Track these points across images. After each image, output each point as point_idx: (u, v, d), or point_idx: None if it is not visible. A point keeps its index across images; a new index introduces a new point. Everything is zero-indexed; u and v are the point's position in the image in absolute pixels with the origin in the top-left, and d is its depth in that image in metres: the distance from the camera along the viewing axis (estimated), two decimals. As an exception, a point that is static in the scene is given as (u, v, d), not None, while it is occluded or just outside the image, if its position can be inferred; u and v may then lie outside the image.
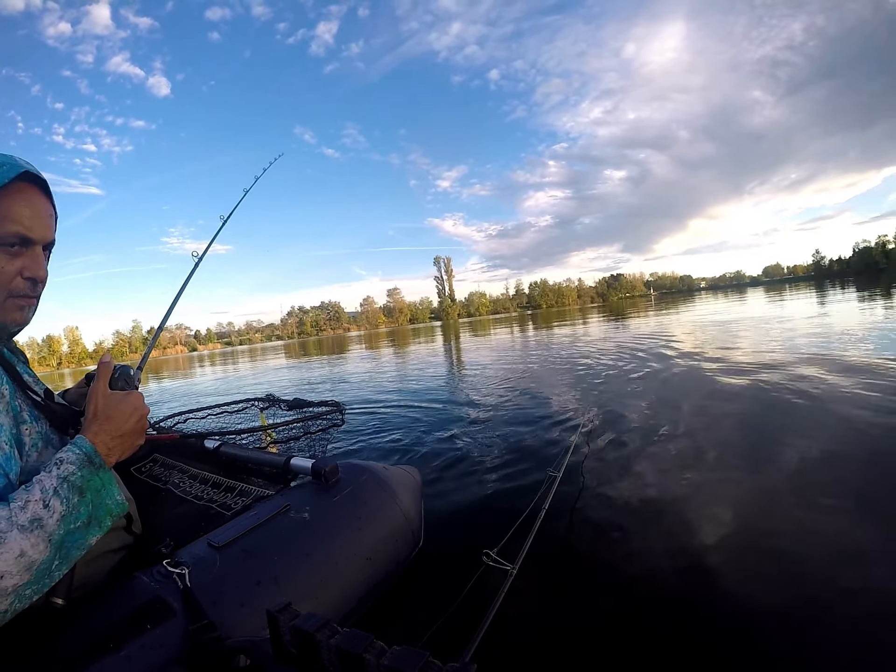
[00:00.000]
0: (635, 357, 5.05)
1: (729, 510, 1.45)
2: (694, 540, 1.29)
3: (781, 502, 1.45)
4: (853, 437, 1.94)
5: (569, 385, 3.90)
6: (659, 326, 9.29)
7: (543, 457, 2.09)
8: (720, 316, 10.47)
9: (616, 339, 7.57)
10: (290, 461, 1.15)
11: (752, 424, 2.28)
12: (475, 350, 9.46)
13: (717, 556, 1.21)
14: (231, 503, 1.06)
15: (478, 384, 4.54)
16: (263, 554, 0.85)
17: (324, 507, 1.02)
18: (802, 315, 8.13)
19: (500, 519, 1.54)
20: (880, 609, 0.96)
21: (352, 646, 0.47)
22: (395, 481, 1.21)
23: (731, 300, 19.67)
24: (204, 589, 0.74)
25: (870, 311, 7.65)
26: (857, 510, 1.37)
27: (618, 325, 11.65)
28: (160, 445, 1.44)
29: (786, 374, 3.18)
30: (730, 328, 7.32)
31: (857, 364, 3.37)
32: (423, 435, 2.75)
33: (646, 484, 1.70)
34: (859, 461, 1.71)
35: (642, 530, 1.38)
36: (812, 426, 2.12)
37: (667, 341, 6.33)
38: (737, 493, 1.57)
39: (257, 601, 0.76)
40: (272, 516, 0.94)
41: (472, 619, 0.81)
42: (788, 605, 1.00)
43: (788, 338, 5.29)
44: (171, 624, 0.67)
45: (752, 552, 1.22)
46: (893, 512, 1.33)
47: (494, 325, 23.03)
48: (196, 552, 0.82)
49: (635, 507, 1.53)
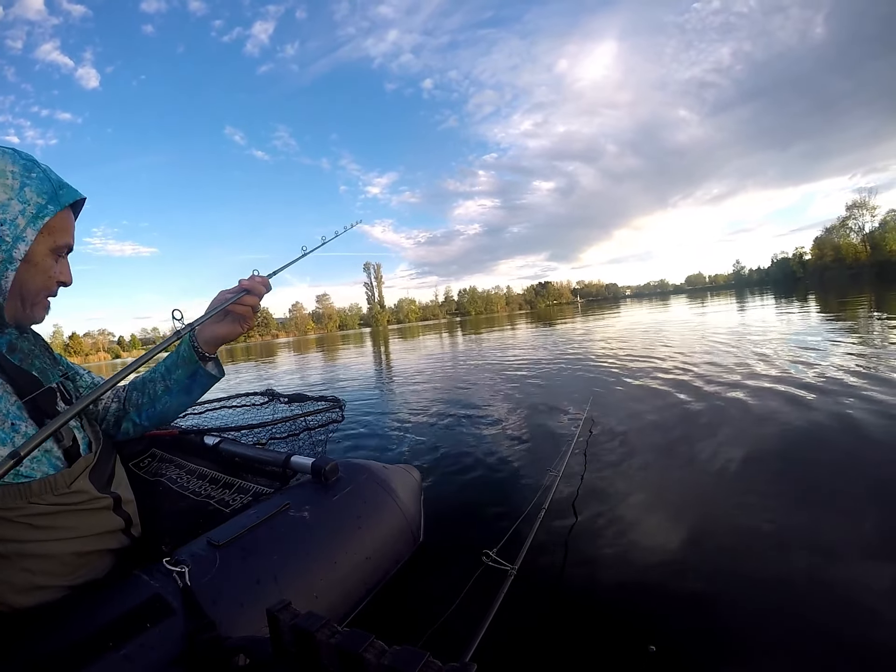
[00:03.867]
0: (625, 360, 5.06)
1: (729, 508, 1.45)
2: (694, 539, 1.29)
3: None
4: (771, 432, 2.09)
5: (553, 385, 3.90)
6: (585, 331, 10.04)
7: (543, 457, 2.09)
8: (645, 319, 11.42)
9: (569, 343, 7.67)
10: (290, 459, 1.15)
11: (669, 421, 2.28)
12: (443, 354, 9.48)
13: (717, 555, 1.21)
14: (230, 500, 1.06)
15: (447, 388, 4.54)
16: (263, 553, 0.85)
17: (324, 506, 1.02)
18: (722, 321, 8.85)
19: (500, 519, 1.55)
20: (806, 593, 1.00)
21: (352, 645, 0.47)
22: (394, 480, 1.20)
23: (655, 307, 20.41)
24: (204, 587, 0.74)
25: (785, 315, 8.53)
26: (790, 501, 1.41)
27: (549, 331, 12.04)
28: (158, 440, 1.43)
29: (719, 375, 3.21)
30: (654, 331, 7.96)
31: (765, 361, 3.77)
32: (418, 436, 2.75)
33: (645, 484, 1.70)
34: (777, 456, 1.82)
35: (642, 529, 1.38)
36: (739, 426, 2.22)
37: (597, 344, 6.85)
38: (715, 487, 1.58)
39: (257, 600, 0.76)
40: (272, 515, 0.93)
41: (472, 619, 0.81)
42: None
43: (708, 339, 5.81)
44: (170, 623, 0.67)
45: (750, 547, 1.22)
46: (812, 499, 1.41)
47: (426, 332, 22.96)
48: (196, 550, 0.82)
49: (635, 506, 1.53)
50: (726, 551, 1.23)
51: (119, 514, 0.82)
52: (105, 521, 0.79)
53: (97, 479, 0.79)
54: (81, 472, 0.76)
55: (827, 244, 57.07)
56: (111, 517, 0.80)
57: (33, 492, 0.67)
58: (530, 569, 1.08)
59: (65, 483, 0.72)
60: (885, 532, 1.23)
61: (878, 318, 6.38)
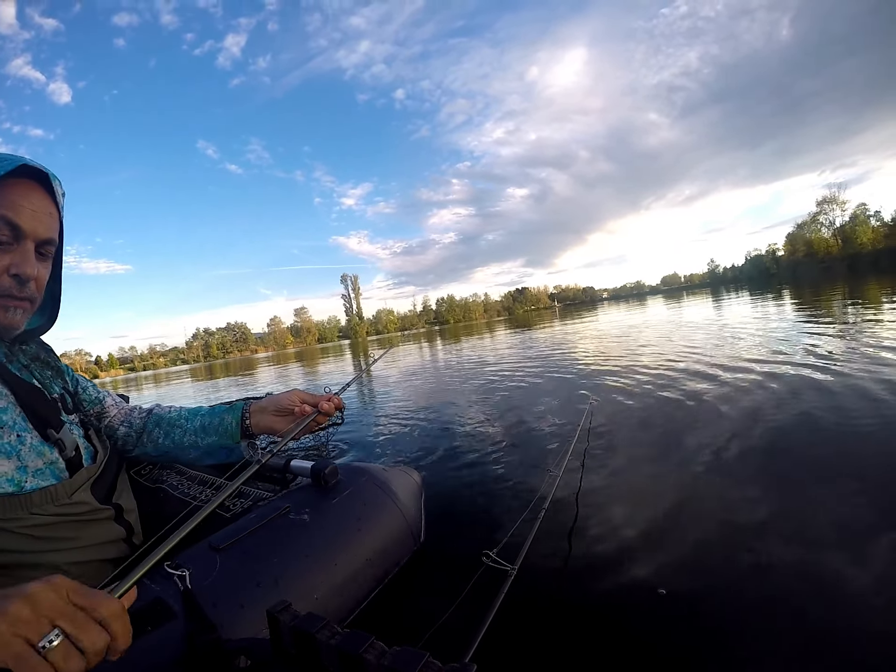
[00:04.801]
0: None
1: (733, 506, 1.45)
2: (694, 538, 1.29)
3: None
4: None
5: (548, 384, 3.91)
6: (569, 334, 10.18)
7: (543, 457, 2.09)
8: (626, 320, 11.63)
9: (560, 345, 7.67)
10: (290, 463, 1.15)
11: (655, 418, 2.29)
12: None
13: (719, 553, 1.21)
14: (230, 505, 1.06)
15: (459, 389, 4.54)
16: (263, 555, 0.86)
17: (323, 509, 1.02)
18: (700, 317, 9.09)
19: (500, 519, 1.55)
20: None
21: (352, 646, 0.47)
22: (394, 482, 1.21)
23: (633, 308, 20.67)
24: (204, 590, 0.74)
25: (761, 309, 8.88)
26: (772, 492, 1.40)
27: (532, 335, 12.12)
28: None
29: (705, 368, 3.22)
30: (637, 330, 8.11)
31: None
32: (416, 438, 2.75)
33: (646, 483, 1.71)
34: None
35: (642, 529, 1.38)
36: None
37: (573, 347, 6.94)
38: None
39: (257, 602, 0.76)
40: (272, 518, 0.94)
41: (472, 619, 0.82)
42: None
43: (689, 336, 6.05)
44: (171, 625, 0.67)
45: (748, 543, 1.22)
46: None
47: (406, 341, 22.49)
48: (196, 554, 0.83)
49: (635, 506, 1.54)
50: (729, 549, 1.23)
51: (120, 524, 0.82)
52: (106, 531, 0.79)
53: (99, 490, 0.79)
54: (83, 483, 0.76)
55: (799, 240, 57.93)
56: (112, 527, 0.80)
57: (34, 502, 0.67)
58: (530, 569, 1.08)
59: (66, 494, 0.72)
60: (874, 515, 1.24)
61: (851, 307, 6.76)
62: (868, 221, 48.49)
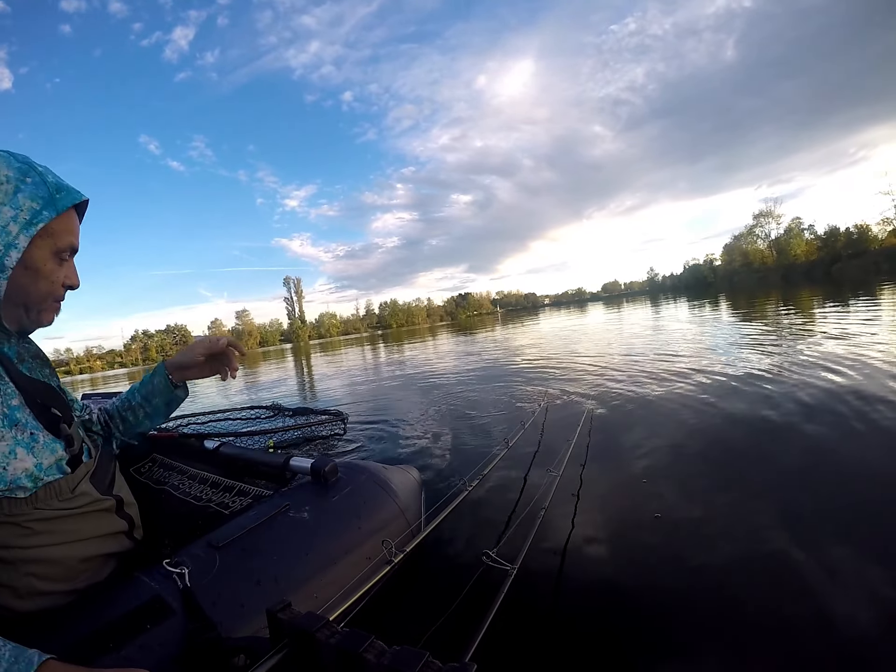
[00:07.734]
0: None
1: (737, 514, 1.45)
2: (694, 539, 1.29)
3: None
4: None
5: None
6: (503, 339, 10.77)
7: (542, 457, 2.09)
8: (563, 325, 12.42)
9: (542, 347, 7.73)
10: (290, 461, 1.15)
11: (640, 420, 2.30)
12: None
13: (720, 554, 1.21)
14: (230, 503, 1.06)
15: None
16: (263, 554, 0.85)
17: (323, 507, 1.02)
18: (639, 322, 9.79)
19: (500, 519, 1.55)
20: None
21: (352, 645, 0.47)
22: (394, 481, 1.20)
23: (573, 314, 21.16)
24: (204, 589, 0.74)
25: (698, 315, 9.63)
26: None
27: (472, 339, 12.54)
28: (159, 445, 1.44)
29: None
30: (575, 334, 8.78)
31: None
32: (415, 438, 2.75)
33: (645, 482, 1.70)
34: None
35: (642, 528, 1.38)
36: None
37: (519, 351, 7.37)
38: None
39: (257, 601, 0.76)
40: (272, 516, 0.93)
41: (472, 619, 0.81)
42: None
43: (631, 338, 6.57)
44: (170, 624, 0.67)
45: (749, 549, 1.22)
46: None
47: (349, 345, 22.85)
48: (196, 552, 0.82)
49: (635, 505, 1.53)
50: (730, 547, 1.23)
51: (122, 517, 0.82)
52: (108, 523, 0.79)
53: (98, 483, 0.80)
54: (83, 476, 0.77)
55: (736, 250, 59.67)
56: (114, 519, 0.81)
57: (39, 498, 0.68)
58: (530, 569, 1.08)
59: (68, 487, 0.73)
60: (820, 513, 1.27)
61: (784, 313, 7.71)
62: (802, 234, 50.47)
